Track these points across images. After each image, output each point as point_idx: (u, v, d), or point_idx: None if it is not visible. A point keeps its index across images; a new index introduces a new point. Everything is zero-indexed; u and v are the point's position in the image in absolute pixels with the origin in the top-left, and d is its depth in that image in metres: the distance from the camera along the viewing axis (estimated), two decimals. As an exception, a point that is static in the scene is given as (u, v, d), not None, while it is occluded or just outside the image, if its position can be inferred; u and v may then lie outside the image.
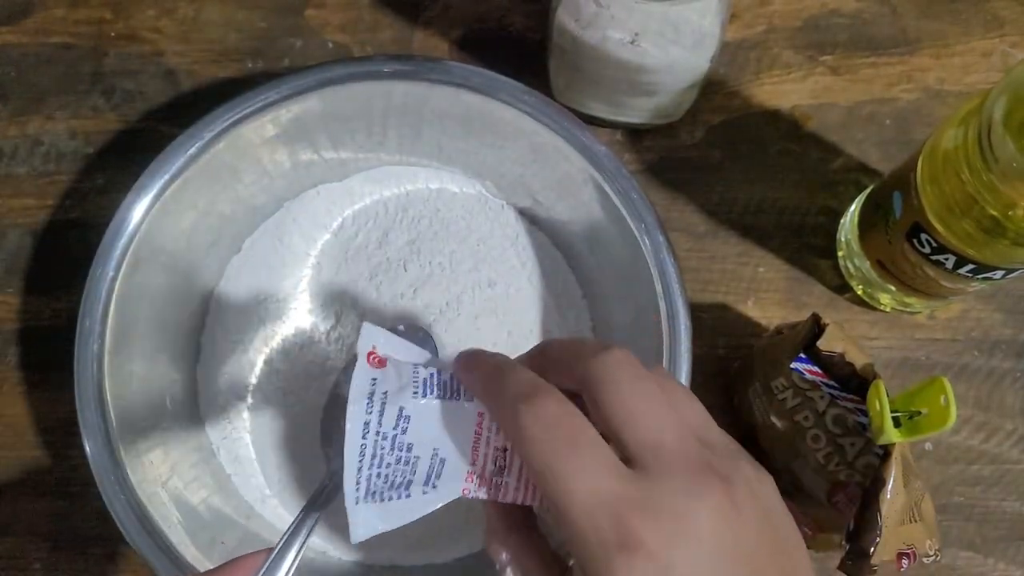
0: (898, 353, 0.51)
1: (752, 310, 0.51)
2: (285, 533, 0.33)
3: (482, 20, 0.55)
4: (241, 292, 0.49)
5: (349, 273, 0.49)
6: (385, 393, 0.28)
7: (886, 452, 0.39)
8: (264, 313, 0.48)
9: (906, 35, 0.54)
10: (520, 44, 0.54)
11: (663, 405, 0.26)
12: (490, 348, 0.47)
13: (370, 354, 0.29)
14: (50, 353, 0.51)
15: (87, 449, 0.41)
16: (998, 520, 0.49)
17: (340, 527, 0.47)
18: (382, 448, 0.27)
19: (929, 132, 0.42)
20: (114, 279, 0.42)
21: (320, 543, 0.47)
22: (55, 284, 0.52)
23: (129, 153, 0.53)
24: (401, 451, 0.27)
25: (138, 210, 0.43)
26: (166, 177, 0.43)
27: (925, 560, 0.40)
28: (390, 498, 0.27)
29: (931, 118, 0.53)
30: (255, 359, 0.48)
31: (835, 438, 0.42)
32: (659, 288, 0.42)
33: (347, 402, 0.28)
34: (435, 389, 0.28)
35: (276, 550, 0.32)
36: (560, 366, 0.28)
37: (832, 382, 0.42)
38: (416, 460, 0.27)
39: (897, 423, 0.38)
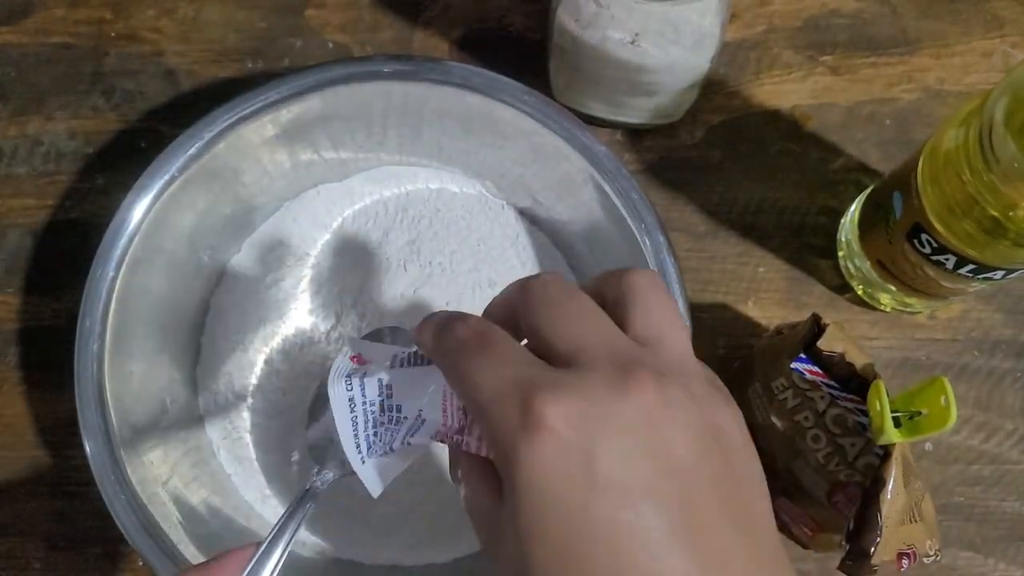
0: (898, 353, 0.51)
1: (752, 310, 0.51)
2: (274, 528, 0.33)
3: (482, 20, 0.55)
4: (241, 292, 0.49)
5: (349, 273, 0.49)
6: (364, 373, 0.30)
7: (886, 452, 0.39)
8: (264, 313, 0.48)
9: (906, 35, 0.54)
10: (520, 44, 0.54)
11: (592, 314, 0.26)
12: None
13: (353, 357, 0.31)
14: (50, 353, 0.51)
15: (87, 449, 0.41)
16: (998, 520, 0.49)
17: (340, 528, 0.47)
18: (373, 413, 0.30)
19: (929, 132, 0.42)
20: (114, 279, 0.42)
21: (319, 543, 0.47)
22: (55, 284, 0.52)
23: (129, 153, 0.53)
24: (392, 412, 0.30)
25: (138, 210, 0.43)
26: (166, 177, 0.43)
27: (925, 560, 0.40)
28: (385, 452, 0.30)
29: (931, 118, 0.53)
30: (255, 359, 0.48)
31: (835, 438, 0.42)
32: (659, 288, 0.42)
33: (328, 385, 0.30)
34: (409, 360, 0.31)
35: (264, 545, 0.33)
36: (501, 309, 0.28)
37: (832, 382, 0.42)
38: (404, 420, 0.30)
39: (897, 423, 0.38)
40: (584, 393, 0.23)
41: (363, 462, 0.30)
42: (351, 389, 0.30)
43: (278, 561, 0.33)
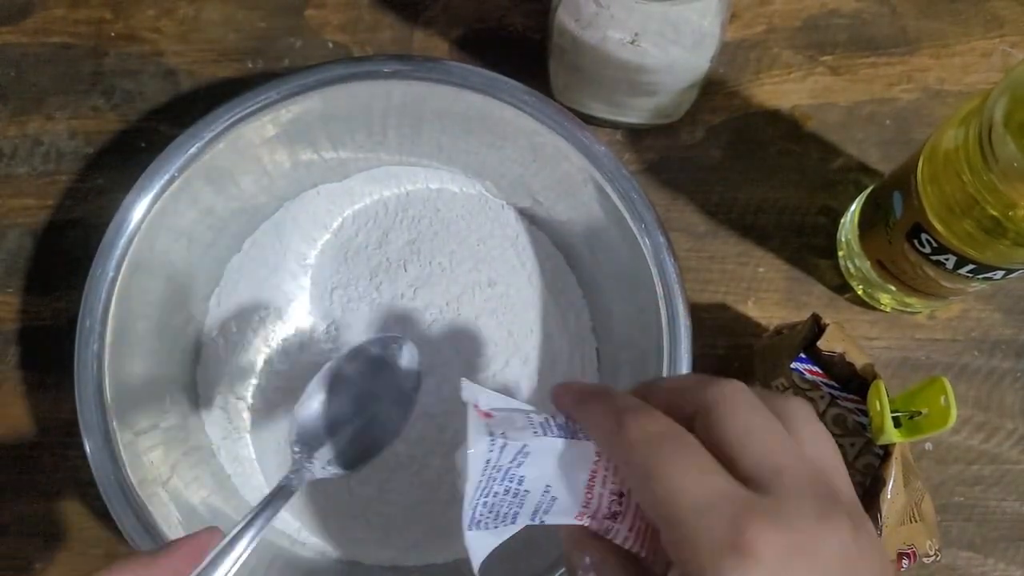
0: (898, 353, 0.51)
1: (752, 310, 0.51)
2: (238, 525, 0.33)
3: (482, 20, 0.55)
4: (241, 292, 0.49)
5: (349, 273, 0.49)
6: (504, 433, 0.27)
7: (886, 452, 0.39)
8: (264, 313, 0.48)
9: (906, 35, 0.54)
10: (520, 44, 0.54)
11: (783, 434, 0.25)
12: (490, 348, 0.47)
13: (485, 413, 0.28)
14: (50, 353, 0.51)
15: (87, 449, 0.41)
16: (998, 520, 0.49)
17: (340, 528, 0.47)
18: (492, 479, 0.27)
19: (929, 132, 0.42)
20: (114, 279, 0.42)
21: (319, 543, 0.47)
22: (55, 284, 0.52)
23: (129, 153, 0.53)
24: (511, 483, 0.27)
25: (138, 210, 0.43)
26: (166, 177, 0.43)
27: (925, 560, 0.40)
28: (496, 527, 0.27)
29: (931, 118, 0.53)
30: (255, 359, 0.48)
31: (835, 438, 0.42)
32: (659, 288, 0.42)
33: (465, 443, 0.27)
34: (554, 429, 0.28)
35: (225, 542, 0.32)
36: (669, 396, 0.27)
37: (832, 382, 0.42)
38: (526, 494, 0.27)
39: (897, 423, 0.38)
40: (794, 525, 0.23)
41: (470, 529, 0.27)
42: (492, 450, 0.27)
43: (237, 559, 0.32)
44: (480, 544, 0.27)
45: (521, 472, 0.27)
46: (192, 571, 0.31)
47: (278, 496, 0.35)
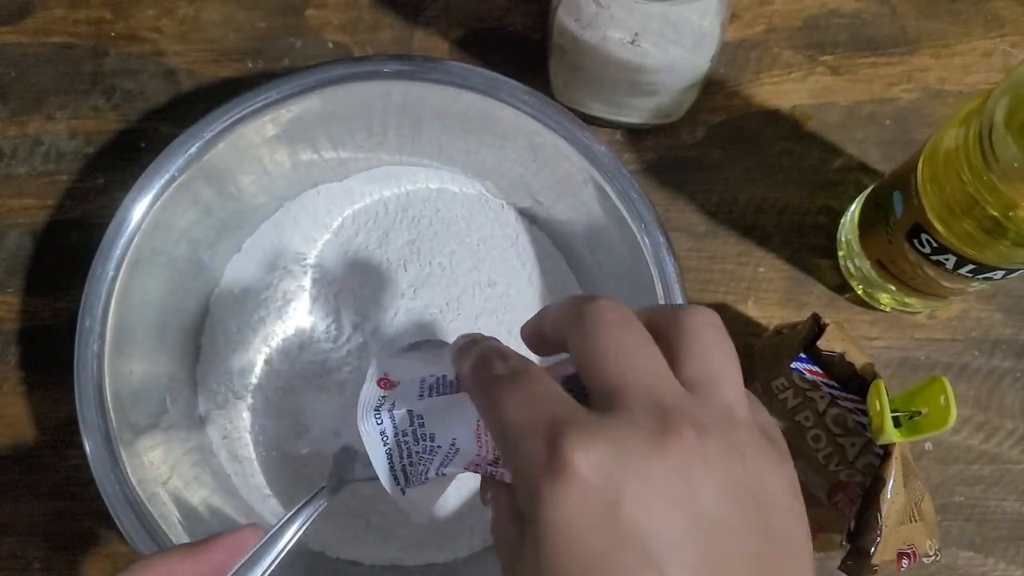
0: (898, 353, 0.51)
1: (752, 310, 0.51)
2: (279, 523, 0.33)
3: (482, 20, 0.55)
4: (241, 292, 0.49)
5: (349, 273, 0.49)
6: (393, 403, 0.29)
7: (886, 452, 0.39)
8: (264, 313, 0.48)
9: (906, 35, 0.54)
10: (520, 44, 0.54)
11: (646, 351, 0.24)
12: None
13: (381, 380, 0.30)
14: (50, 353, 0.51)
15: (87, 449, 0.41)
16: (998, 520, 0.49)
17: (340, 528, 0.47)
18: (407, 443, 0.29)
19: (929, 132, 0.42)
20: (114, 279, 0.42)
21: (320, 543, 0.47)
22: (55, 284, 0.52)
23: (129, 153, 0.53)
24: (425, 441, 0.29)
25: (138, 210, 0.43)
26: (166, 177, 0.43)
27: (925, 560, 0.40)
28: (423, 482, 0.29)
29: (931, 118, 0.53)
30: (255, 359, 0.48)
31: (835, 438, 0.42)
32: (659, 288, 0.42)
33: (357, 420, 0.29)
34: (440, 388, 0.30)
35: (270, 534, 0.32)
36: (541, 322, 0.27)
37: (832, 382, 0.42)
38: (438, 449, 0.29)
39: (897, 423, 0.38)
40: (617, 440, 0.22)
41: (403, 493, 0.30)
42: (381, 423, 0.29)
43: (278, 555, 0.32)
44: (422, 498, 0.30)
45: (430, 430, 0.29)
46: (233, 566, 0.31)
47: (319, 495, 0.35)
